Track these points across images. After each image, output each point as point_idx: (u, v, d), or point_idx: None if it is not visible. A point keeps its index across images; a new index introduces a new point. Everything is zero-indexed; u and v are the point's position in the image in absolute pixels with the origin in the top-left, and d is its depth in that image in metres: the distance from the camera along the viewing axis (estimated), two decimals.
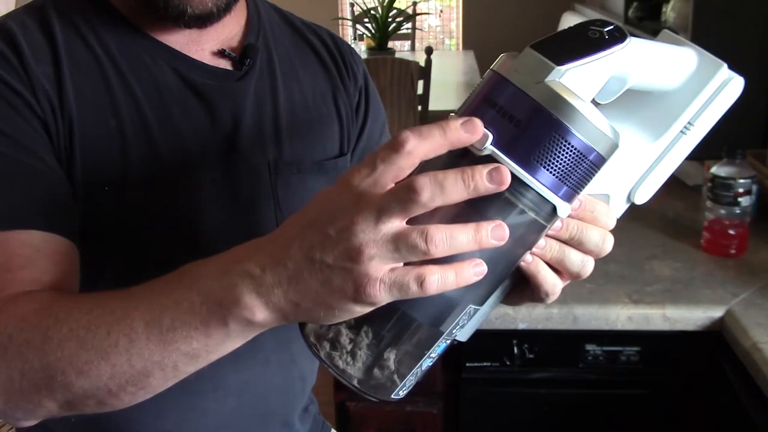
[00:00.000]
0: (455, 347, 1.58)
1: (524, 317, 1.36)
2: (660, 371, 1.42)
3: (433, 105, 3.40)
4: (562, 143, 0.46)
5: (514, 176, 0.46)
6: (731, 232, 1.52)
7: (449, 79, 4.17)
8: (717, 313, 1.34)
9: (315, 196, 0.50)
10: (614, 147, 0.48)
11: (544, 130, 0.46)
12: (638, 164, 0.57)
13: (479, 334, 1.54)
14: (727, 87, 0.58)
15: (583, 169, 0.47)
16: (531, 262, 0.54)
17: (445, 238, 0.45)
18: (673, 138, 0.58)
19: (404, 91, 3.32)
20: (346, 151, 0.90)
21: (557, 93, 0.46)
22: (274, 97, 0.85)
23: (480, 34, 5.57)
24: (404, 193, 0.45)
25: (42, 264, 0.66)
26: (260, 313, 0.50)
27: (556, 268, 0.55)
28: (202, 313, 0.52)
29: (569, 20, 5.17)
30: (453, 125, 0.46)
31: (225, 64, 0.83)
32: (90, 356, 0.56)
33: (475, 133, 0.46)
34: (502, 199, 0.47)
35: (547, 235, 0.53)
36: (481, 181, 0.45)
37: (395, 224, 0.45)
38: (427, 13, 5.85)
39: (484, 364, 1.43)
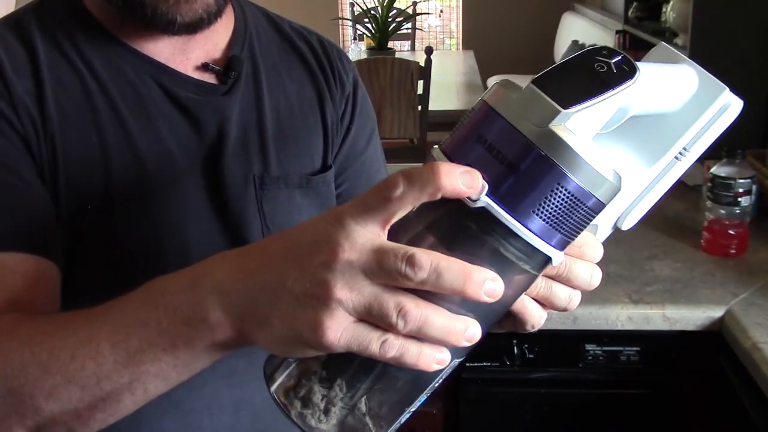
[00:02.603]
0: None
1: None
2: (660, 371, 1.42)
3: (433, 105, 3.40)
4: (563, 193, 0.43)
5: (508, 229, 0.43)
6: (731, 232, 1.52)
7: (449, 79, 4.17)
8: (717, 313, 1.34)
9: (304, 222, 0.47)
10: (616, 191, 0.45)
11: (545, 180, 0.42)
12: (630, 191, 0.55)
13: None
14: (727, 111, 0.54)
15: (581, 216, 0.44)
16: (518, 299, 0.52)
17: (420, 317, 0.42)
18: (667, 163, 0.55)
19: (404, 91, 3.32)
20: (330, 163, 0.89)
21: (563, 141, 0.42)
22: (260, 110, 0.83)
23: (480, 34, 5.57)
24: (400, 263, 0.42)
25: (17, 285, 0.65)
26: (227, 330, 0.48)
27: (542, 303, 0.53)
28: (170, 333, 0.50)
29: (569, 20, 5.18)
30: (451, 174, 0.42)
31: (210, 78, 0.81)
32: (56, 380, 0.54)
33: (473, 186, 0.42)
34: (497, 253, 0.44)
35: None
36: (479, 289, 0.42)
37: (377, 281, 0.43)
38: (427, 13, 5.85)
39: (484, 364, 1.43)
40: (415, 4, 5.18)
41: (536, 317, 0.54)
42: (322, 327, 0.43)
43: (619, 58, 0.46)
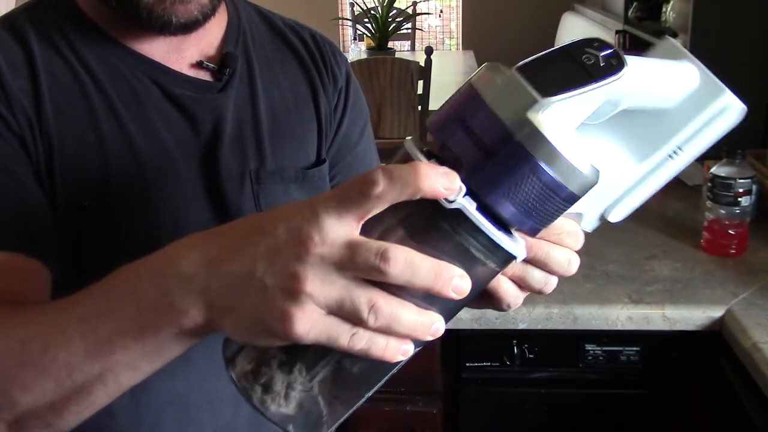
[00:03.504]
0: (455, 347, 1.58)
1: (524, 317, 1.36)
2: (660, 371, 1.42)
3: (433, 105, 3.40)
4: (536, 183, 0.43)
5: (479, 230, 0.44)
6: (731, 232, 1.52)
7: (449, 79, 4.16)
8: (717, 313, 1.34)
9: (278, 209, 0.46)
10: (591, 185, 0.45)
11: (519, 169, 0.42)
12: (619, 184, 0.54)
13: (480, 334, 1.54)
14: (726, 114, 0.53)
15: (554, 206, 0.44)
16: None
17: (391, 313, 0.43)
18: (659, 161, 0.54)
19: (404, 91, 3.32)
20: (324, 157, 0.89)
21: (538, 131, 0.42)
22: (255, 106, 0.84)
23: (480, 34, 5.57)
24: (373, 258, 0.42)
25: (4, 283, 0.65)
26: (194, 317, 0.47)
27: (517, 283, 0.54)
28: (137, 321, 0.49)
29: (569, 20, 5.17)
30: (432, 174, 0.42)
31: (205, 75, 0.82)
32: (29, 373, 0.53)
33: (451, 188, 0.42)
34: (466, 252, 0.45)
35: None
36: (447, 286, 0.43)
37: (348, 275, 0.43)
38: (427, 13, 5.85)
39: (484, 364, 1.43)
40: (415, 4, 5.18)
41: (512, 296, 0.54)
42: (291, 320, 0.43)
43: (609, 51, 0.45)
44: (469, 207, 0.43)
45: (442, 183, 0.42)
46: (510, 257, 0.46)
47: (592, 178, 0.44)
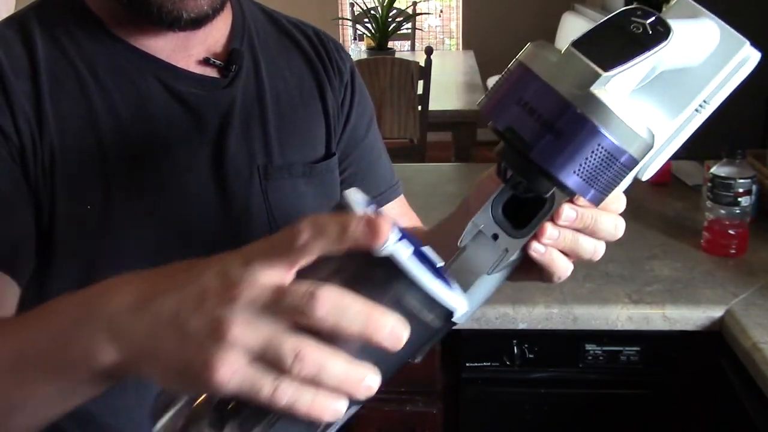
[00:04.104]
0: (455, 347, 1.58)
1: (524, 317, 1.36)
2: (660, 371, 1.42)
3: (433, 105, 3.39)
4: (600, 151, 0.44)
5: (410, 280, 0.42)
6: (731, 232, 1.52)
7: (449, 79, 4.16)
8: (717, 313, 1.34)
9: (213, 257, 0.44)
10: (649, 148, 0.47)
11: (584, 139, 0.44)
12: (655, 142, 0.56)
13: (480, 334, 1.54)
14: (746, 64, 0.56)
15: (615, 172, 0.46)
16: (544, 252, 0.54)
17: (318, 362, 0.40)
18: (689, 115, 0.56)
19: (404, 91, 3.32)
20: (333, 150, 0.90)
21: (602, 102, 0.44)
22: (261, 101, 0.84)
23: (480, 34, 5.57)
24: (300, 298, 0.40)
25: None
26: (109, 358, 0.45)
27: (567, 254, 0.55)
28: (50, 358, 0.48)
29: (569, 20, 5.17)
30: (356, 224, 0.41)
31: (211, 72, 0.82)
32: None
33: (377, 239, 0.40)
34: (399, 302, 0.42)
35: (560, 225, 0.53)
36: (381, 332, 0.40)
37: (276, 320, 0.41)
38: (427, 13, 5.85)
39: (484, 364, 1.43)
40: (415, 4, 5.18)
41: (563, 268, 0.55)
42: (213, 366, 0.40)
43: (653, 18, 0.47)
44: (402, 254, 0.41)
45: (367, 233, 0.40)
46: (445, 310, 0.43)
47: (650, 141, 0.46)
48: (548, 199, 0.52)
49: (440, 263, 0.48)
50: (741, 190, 1.49)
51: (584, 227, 0.54)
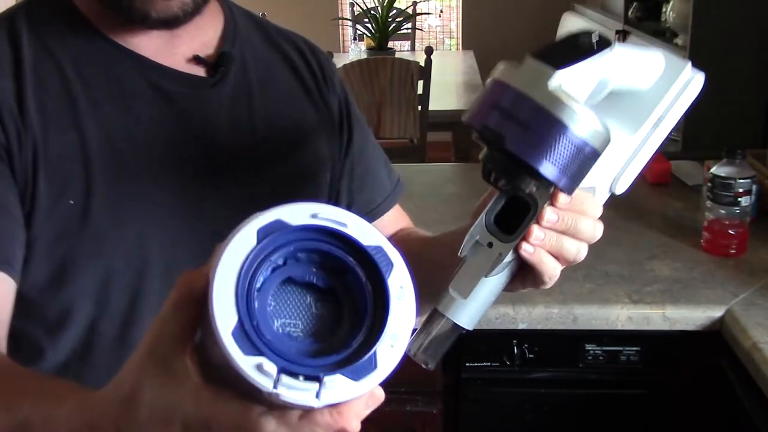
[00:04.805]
0: (455, 347, 1.58)
1: (524, 317, 1.36)
2: (660, 371, 1.42)
3: (433, 105, 3.39)
4: (563, 140, 0.51)
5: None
6: (731, 232, 1.52)
7: (449, 79, 4.16)
8: (717, 313, 1.34)
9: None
10: (606, 141, 0.53)
11: (551, 132, 0.51)
12: (619, 157, 0.63)
13: (479, 334, 1.53)
14: (691, 83, 0.64)
15: (580, 162, 0.52)
16: (533, 252, 0.59)
17: None
18: (648, 131, 0.64)
19: (404, 91, 3.32)
20: (324, 159, 0.90)
21: (561, 100, 0.51)
22: (250, 107, 0.84)
23: (480, 34, 5.57)
24: None
25: None
26: None
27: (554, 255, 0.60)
28: None
29: (569, 20, 5.17)
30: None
31: (199, 71, 0.82)
32: None
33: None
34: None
35: (545, 227, 0.59)
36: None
37: None
38: (427, 13, 5.84)
39: (484, 364, 1.43)
40: (415, 4, 5.18)
41: (551, 268, 0.61)
42: None
43: (599, 36, 0.55)
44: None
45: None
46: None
47: (607, 134, 0.53)
48: (532, 205, 0.58)
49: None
50: (741, 190, 1.49)
51: (566, 229, 0.59)
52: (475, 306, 0.62)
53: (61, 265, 0.73)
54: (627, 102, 0.64)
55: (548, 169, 0.51)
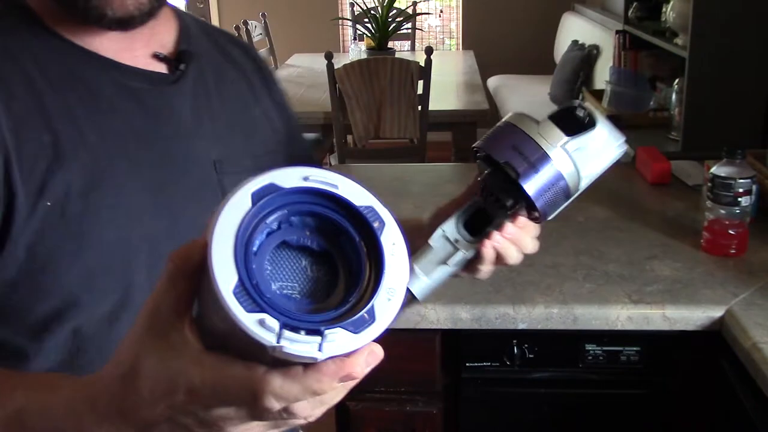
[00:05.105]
0: (455, 347, 1.57)
1: (524, 317, 1.36)
2: (660, 371, 1.42)
3: (433, 105, 3.40)
4: (558, 186, 0.67)
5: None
6: (731, 232, 1.52)
7: (449, 79, 4.17)
8: (717, 313, 1.34)
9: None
10: (577, 191, 0.69)
11: (552, 177, 0.66)
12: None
13: (480, 334, 1.54)
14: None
15: (561, 200, 0.68)
16: (490, 251, 0.73)
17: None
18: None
19: (404, 91, 3.32)
20: (277, 152, 0.95)
21: (565, 155, 0.66)
22: (209, 101, 0.87)
23: (480, 34, 5.57)
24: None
25: None
26: None
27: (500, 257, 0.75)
28: None
29: (569, 20, 5.17)
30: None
31: (160, 68, 0.84)
32: None
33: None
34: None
35: (504, 236, 0.73)
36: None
37: None
38: (427, 13, 5.84)
39: (484, 364, 1.43)
40: (415, 4, 5.18)
41: (492, 263, 0.75)
42: None
43: (586, 112, 0.69)
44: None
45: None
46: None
47: (580, 186, 0.69)
48: (499, 216, 0.73)
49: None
50: (741, 190, 1.49)
51: (516, 240, 0.74)
52: (429, 284, 0.74)
53: (42, 268, 0.73)
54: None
55: (543, 201, 0.67)
